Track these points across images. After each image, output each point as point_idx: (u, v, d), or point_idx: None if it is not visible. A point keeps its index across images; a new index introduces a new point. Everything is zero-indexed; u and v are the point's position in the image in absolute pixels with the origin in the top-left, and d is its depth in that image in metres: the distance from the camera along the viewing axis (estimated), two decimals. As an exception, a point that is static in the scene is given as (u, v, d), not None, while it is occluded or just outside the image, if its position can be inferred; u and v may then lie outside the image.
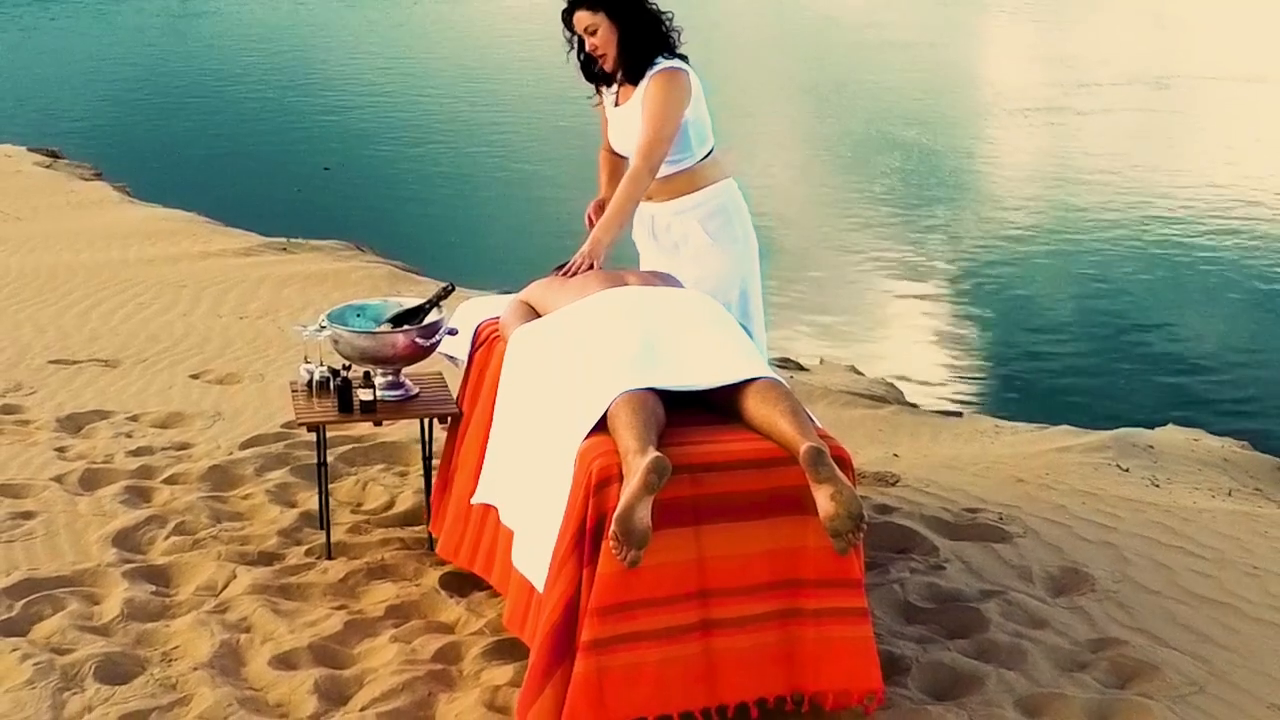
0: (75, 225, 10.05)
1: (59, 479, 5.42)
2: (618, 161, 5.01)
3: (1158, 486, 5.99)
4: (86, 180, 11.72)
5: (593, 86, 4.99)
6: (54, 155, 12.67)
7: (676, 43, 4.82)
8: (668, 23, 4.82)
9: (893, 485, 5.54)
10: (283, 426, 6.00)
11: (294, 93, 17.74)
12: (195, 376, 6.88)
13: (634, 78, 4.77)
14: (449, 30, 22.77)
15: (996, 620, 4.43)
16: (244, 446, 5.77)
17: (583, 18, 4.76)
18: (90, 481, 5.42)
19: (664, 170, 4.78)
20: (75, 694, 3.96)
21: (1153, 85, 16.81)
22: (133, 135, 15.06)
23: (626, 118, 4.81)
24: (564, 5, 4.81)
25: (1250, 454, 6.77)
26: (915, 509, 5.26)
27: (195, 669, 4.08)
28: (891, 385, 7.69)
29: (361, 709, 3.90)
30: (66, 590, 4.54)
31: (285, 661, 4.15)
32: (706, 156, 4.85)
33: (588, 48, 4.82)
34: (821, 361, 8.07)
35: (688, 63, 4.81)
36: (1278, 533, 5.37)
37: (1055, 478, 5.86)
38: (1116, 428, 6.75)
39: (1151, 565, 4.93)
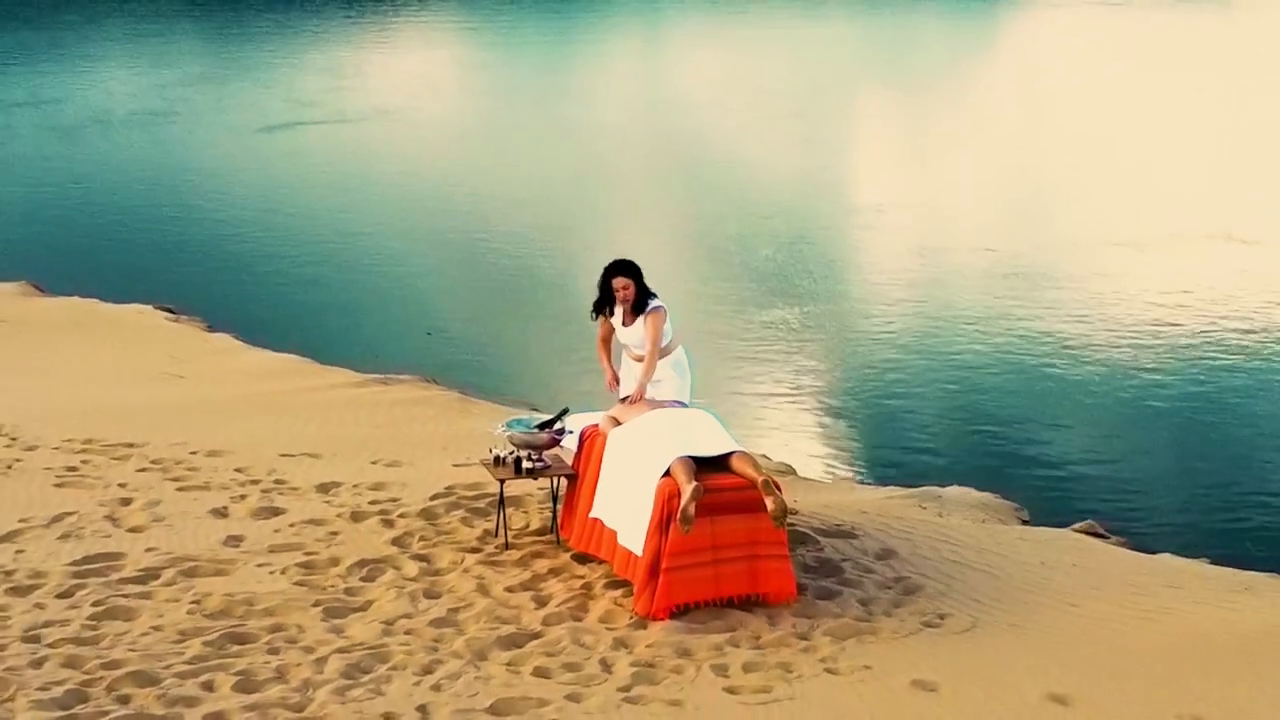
0: (221, 368, 14.33)
1: (338, 516, 9.81)
2: (609, 336, 9.60)
3: (941, 517, 10.65)
4: (205, 332, 15.86)
5: (596, 312, 9.49)
6: (173, 311, 16.25)
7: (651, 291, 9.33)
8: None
9: (795, 514, 10.11)
10: (445, 488, 10.40)
11: (347, 235, 20.81)
12: (374, 462, 11.27)
13: (639, 312, 9.31)
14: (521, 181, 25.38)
15: (849, 570, 9.01)
16: (431, 499, 10.16)
17: (619, 281, 9.30)
18: (356, 517, 9.81)
19: None
20: (419, 603, 8.38)
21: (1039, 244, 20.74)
22: (220, 287, 18.05)
23: (635, 331, 9.31)
24: (605, 270, 9.32)
25: (1000, 501, 11.40)
26: (807, 524, 9.82)
27: (469, 593, 8.51)
28: (789, 465, 12.25)
29: (556, 605, 8.36)
30: (383, 565, 8.95)
31: (510, 590, 8.60)
32: (671, 340, 9.38)
33: (620, 297, 9.30)
34: (744, 452, 12.58)
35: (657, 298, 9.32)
36: (999, 535, 10.06)
37: (883, 510, 10.50)
38: (922, 486, 11.40)
39: (929, 548, 9.55)
